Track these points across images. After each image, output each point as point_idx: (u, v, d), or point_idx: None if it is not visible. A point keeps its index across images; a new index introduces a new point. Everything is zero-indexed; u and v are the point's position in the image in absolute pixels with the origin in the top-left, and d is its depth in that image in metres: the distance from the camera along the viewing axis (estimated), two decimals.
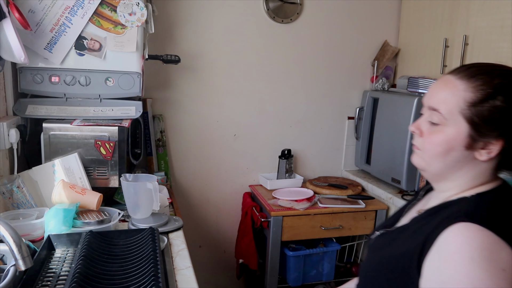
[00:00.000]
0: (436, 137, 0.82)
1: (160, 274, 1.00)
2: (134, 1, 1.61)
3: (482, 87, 0.78)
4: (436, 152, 0.83)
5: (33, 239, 1.26)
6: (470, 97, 0.78)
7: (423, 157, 0.86)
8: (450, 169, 0.83)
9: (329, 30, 2.41)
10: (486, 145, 0.80)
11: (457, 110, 0.79)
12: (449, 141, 0.81)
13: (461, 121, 0.80)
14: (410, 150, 2.09)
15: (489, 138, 0.79)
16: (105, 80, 1.68)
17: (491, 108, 0.77)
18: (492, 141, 0.79)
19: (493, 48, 1.85)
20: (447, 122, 0.81)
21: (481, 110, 0.78)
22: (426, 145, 0.85)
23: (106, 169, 1.61)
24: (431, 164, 0.85)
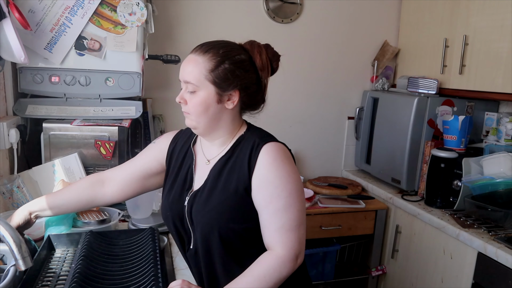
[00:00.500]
0: (196, 100, 1.07)
1: (160, 274, 1.00)
2: (134, 1, 1.61)
3: (213, 57, 1.06)
4: (199, 111, 1.08)
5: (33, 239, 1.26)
6: (209, 65, 1.06)
7: (192, 118, 1.10)
8: (213, 121, 1.10)
9: (329, 30, 2.41)
10: (230, 97, 1.09)
11: (203, 77, 1.06)
12: (205, 101, 1.07)
13: (208, 84, 1.06)
14: (410, 150, 2.09)
15: (229, 91, 1.08)
16: (105, 80, 1.68)
17: (224, 70, 1.06)
18: (232, 93, 1.09)
19: (493, 48, 1.85)
20: (199, 88, 1.07)
21: (218, 72, 1.06)
22: (191, 109, 1.09)
23: (106, 169, 1.60)
24: (199, 122, 1.10)
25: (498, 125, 2.10)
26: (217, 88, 1.07)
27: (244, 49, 1.13)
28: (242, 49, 1.13)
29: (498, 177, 1.72)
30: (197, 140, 1.23)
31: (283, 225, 1.04)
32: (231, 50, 1.10)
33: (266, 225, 1.06)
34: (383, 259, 2.25)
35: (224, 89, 1.07)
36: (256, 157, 1.07)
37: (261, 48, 1.14)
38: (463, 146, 1.99)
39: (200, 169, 1.17)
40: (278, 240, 1.04)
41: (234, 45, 1.13)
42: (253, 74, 1.11)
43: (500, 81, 1.82)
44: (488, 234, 1.65)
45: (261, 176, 1.06)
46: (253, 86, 1.12)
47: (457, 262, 1.74)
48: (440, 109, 2.09)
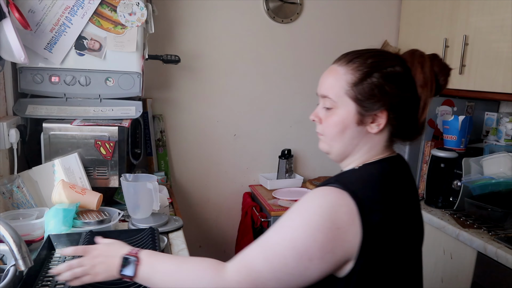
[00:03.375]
0: (331, 120, 0.90)
1: None
2: (134, 1, 1.61)
3: (359, 68, 0.87)
4: (334, 133, 0.90)
5: (33, 239, 1.26)
6: (351, 78, 0.87)
7: (326, 141, 0.93)
8: (349, 146, 0.91)
9: (329, 30, 2.41)
10: (374, 118, 0.88)
11: (343, 92, 0.88)
12: (342, 121, 0.89)
13: (348, 101, 0.88)
14: (410, 150, 2.09)
15: (374, 111, 0.87)
16: (105, 80, 1.68)
17: (370, 85, 0.86)
18: (378, 114, 0.88)
19: (493, 48, 1.85)
20: (337, 104, 0.89)
21: (362, 88, 0.86)
22: (325, 130, 0.92)
23: (106, 169, 1.61)
24: (333, 146, 0.92)
25: (498, 125, 2.10)
26: (359, 107, 0.87)
27: (400, 60, 0.91)
28: (399, 60, 0.90)
29: (498, 177, 1.72)
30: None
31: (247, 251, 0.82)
32: (383, 60, 0.89)
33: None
34: None
35: (367, 108, 0.87)
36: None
37: (424, 58, 0.91)
38: (463, 146, 1.99)
39: None
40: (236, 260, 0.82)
41: (389, 55, 0.91)
42: (409, 92, 0.89)
43: (500, 81, 1.82)
44: (488, 234, 1.65)
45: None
46: (407, 107, 0.89)
47: (457, 262, 1.74)
48: (440, 109, 2.09)
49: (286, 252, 0.78)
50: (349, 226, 0.78)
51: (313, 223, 0.78)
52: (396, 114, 0.88)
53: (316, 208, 0.80)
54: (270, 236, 0.82)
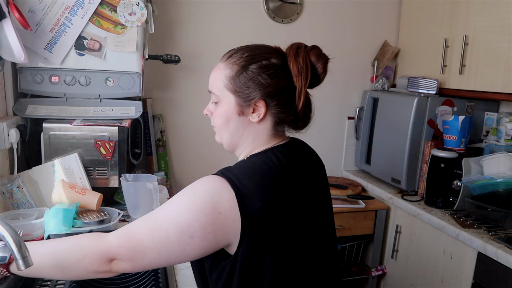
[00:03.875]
0: (217, 112, 0.97)
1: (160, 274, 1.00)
2: (134, 1, 1.61)
3: (236, 62, 0.93)
4: (220, 124, 0.97)
5: (33, 239, 1.26)
6: (229, 72, 0.93)
7: (217, 132, 1.00)
8: (234, 136, 0.97)
9: (329, 30, 2.41)
10: (254, 108, 0.93)
11: (223, 86, 0.94)
12: (225, 112, 0.95)
13: (228, 94, 0.94)
14: (410, 150, 2.09)
15: (251, 101, 0.92)
16: (105, 80, 1.68)
17: (245, 77, 0.92)
18: (257, 104, 0.92)
19: (493, 48, 1.85)
20: (220, 98, 0.96)
21: (238, 80, 0.92)
22: (214, 122, 0.99)
23: (106, 169, 1.61)
24: (222, 136, 0.99)
25: (498, 125, 2.10)
26: (238, 98, 0.93)
27: (280, 53, 0.96)
28: (277, 53, 0.95)
29: (498, 177, 1.72)
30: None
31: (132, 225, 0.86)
32: (258, 54, 0.94)
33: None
34: (383, 259, 2.25)
35: (245, 99, 0.92)
36: None
37: (300, 50, 0.94)
38: (463, 146, 1.99)
39: None
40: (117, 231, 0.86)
41: (266, 49, 0.96)
42: (285, 81, 0.93)
43: (500, 81, 1.82)
44: (488, 234, 1.65)
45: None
46: (283, 95, 0.93)
47: (457, 262, 1.74)
48: (440, 109, 2.09)
49: (169, 226, 0.82)
50: (229, 213, 0.83)
51: (198, 204, 0.83)
52: (274, 102, 0.93)
53: (202, 191, 0.85)
54: (157, 211, 0.87)
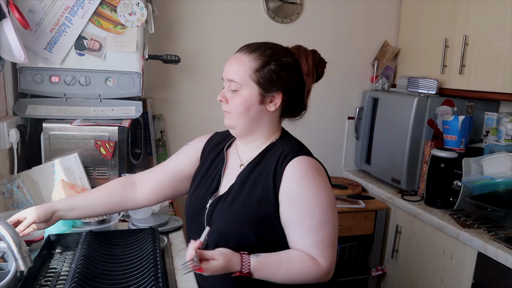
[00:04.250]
0: (238, 100, 1.07)
1: (160, 274, 1.00)
2: (134, 1, 1.61)
3: (259, 57, 1.06)
4: (240, 111, 1.07)
5: (33, 239, 1.26)
6: (255, 65, 1.05)
7: (232, 117, 1.09)
8: (253, 122, 1.09)
9: (329, 30, 2.41)
10: (272, 99, 1.08)
11: (247, 76, 1.05)
12: (247, 100, 1.06)
13: (252, 84, 1.05)
14: (410, 150, 2.09)
15: (273, 93, 1.07)
16: (105, 80, 1.68)
17: (269, 71, 1.05)
18: (275, 95, 1.07)
19: (493, 48, 1.85)
20: (242, 87, 1.06)
21: (263, 73, 1.05)
22: (231, 108, 1.08)
23: (106, 169, 1.61)
24: (239, 121, 1.09)
25: (498, 125, 2.10)
26: (260, 89, 1.06)
27: (291, 53, 1.11)
28: (289, 53, 1.11)
29: (498, 177, 1.72)
30: (232, 144, 1.21)
31: (321, 241, 1.02)
32: (278, 52, 1.08)
33: (299, 240, 1.03)
34: (383, 259, 2.25)
35: (267, 90, 1.06)
36: (282, 169, 1.04)
37: (307, 53, 1.11)
38: (463, 146, 1.99)
39: (229, 173, 1.14)
40: (319, 253, 1.02)
41: (281, 48, 1.11)
42: (298, 79, 1.10)
43: (500, 81, 1.82)
44: (488, 234, 1.65)
45: (291, 191, 1.03)
46: (297, 90, 1.11)
47: (457, 262, 1.74)
48: (440, 109, 2.09)
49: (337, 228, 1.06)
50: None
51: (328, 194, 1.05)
52: (288, 96, 1.09)
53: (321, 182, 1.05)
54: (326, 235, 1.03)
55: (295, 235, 1.04)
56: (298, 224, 1.03)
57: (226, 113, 1.10)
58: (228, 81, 1.08)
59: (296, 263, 1.01)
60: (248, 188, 1.07)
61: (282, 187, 1.03)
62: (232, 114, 1.08)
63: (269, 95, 1.07)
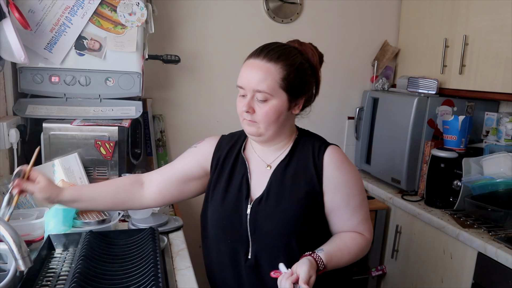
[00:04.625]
0: (267, 109, 1.06)
1: (160, 274, 1.00)
2: (134, 1, 1.61)
3: (287, 64, 1.06)
4: (271, 120, 1.07)
5: (33, 239, 1.26)
6: (282, 73, 1.05)
7: (260, 126, 1.08)
8: (280, 127, 1.11)
9: (329, 30, 2.41)
10: (297, 103, 1.11)
11: (277, 85, 1.05)
12: (278, 109, 1.06)
13: (281, 92, 1.06)
14: (410, 150, 2.09)
15: (300, 98, 1.10)
16: (105, 80, 1.68)
17: (295, 77, 1.07)
18: (300, 99, 1.11)
19: (493, 48, 1.85)
20: (272, 96, 1.05)
21: (291, 80, 1.06)
22: (260, 118, 1.07)
23: (106, 169, 1.61)
24: (268, 130, 1.09)
25: (498, 125, 2.10)
26: (289, 96, 1.07)
27: (301, 53, 1.12)
28: (300, 53, 1.12)
29: (498, 177, 1.72)
30: (246, 146, 1.21)
31: (364, 216, 1.14)
32: (295, 55, 1.09)
33: (346, 221, 1.13)
34: (383, 259, 2.25)
35: (296, 96, 1.09)
36: (321, 160, 1.10)
37: (312, 49, 1.15)
38: (463, 146, 1.99)
39: (257, 176, 1.15)
40: (365, 228, 1.14)
41: (294, 49, 1.12)
42: (313, 77, 1.13)
43: (500, 81, 1.82)
44: (488, 234, 1.65)
45: (334, 178, 1.10)
46: (313, 89, 1.16)
47: (457, 262, 1.74)
48: (440, 109, 2.09)
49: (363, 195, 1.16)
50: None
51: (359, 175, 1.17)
52: (309, 96, 1.14)
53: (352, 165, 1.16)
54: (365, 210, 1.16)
55: (342, 218, 1.12)
56: (344, 207, 1.11)
57: (251, 122, 1.08)
58: (253, 91, 1.06)
59: (352, 243, 1.11)
60: (289, 185, 1.10)
61: (325, 176, 1.09)
62: (260, 124, 1.08)
63: (295, 101, 1.10)
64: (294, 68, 1.06)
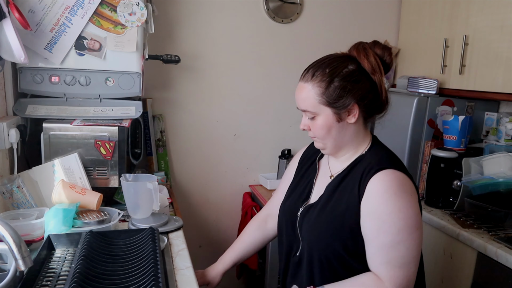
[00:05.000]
0: (317, 125, 1.10)
1: (160, 274, 1.00)
2: (134, 1, 1.61)
3: (322, 79, 1.06)
4: (323, 134, 1.11)
5: (33, 239, 1.26)
6: (319, 90, 1.07)
7: (319, 141, 1.14)
8: (338, 139, 1.11)
9: (329, 30, 2.41)
10: (349, 112, 1.08)
11: (317, 102, 1.07)
12: (325, 124, 1.09)
13: (324, 108, 1.08)
14: (410, 150, 2.09)
15: (347, 106, 1.07)
16: (105, 80, 1.68)
17: (334, 89, 1.06)
18: (351, 108, 1.08)
19: (493, 48, 1.85)
20: (317, 113, 1.09)
21: (329, 94, 1.06)
22: (315, 133, 1.12)
23: (106, 169, 1.61)
24: (326, 143, 1.13)
25: (498, 125, 2.10)
26: (333, 109, 1.07)
27: (350, 58, 1.09)
28: (348, 59, 1.09)
29: (498, 177, 1.72)
30: (324, 155, 1.26)
31: (390, 261, 1.01)
32: (337, 66, 1.07)
33: (372, 256, 1.05)
34: None
35: (340, 107, 1.07)
36: (366, 182, 1.04)
37: (366, 49, 1.09)
38: (463, 146, 1.99)
39: (320, 183, 1.19)
40: (386, 274, 1.02)
41: (339, 58, 1.10)
42: (367, 81, 1.08)
43: (500, 81, 1.82)
44: (488, 234, 1.65)
45: (370, 205, 1.03)
46: (370, 93, 1.09)
47: (457, 262, 1.74)
48: (440, 109, 2.09)
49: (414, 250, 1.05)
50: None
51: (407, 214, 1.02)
52: (363, 101, 1.08)
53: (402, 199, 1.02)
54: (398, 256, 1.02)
55: (369, 250, 1.05)
56: (372, 239, 1.03)
57: (313, 138, 1.16)
58: (303, 111, 1.13)
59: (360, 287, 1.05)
60: (336, 198, 1.10)
61: (364, 199, 1.04)
62: (318, 138, 1.13)
63: (344, 111, 1.07)
64: (332, 79, 1.05)
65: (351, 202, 1.06)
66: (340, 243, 1.07)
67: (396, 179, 1.03)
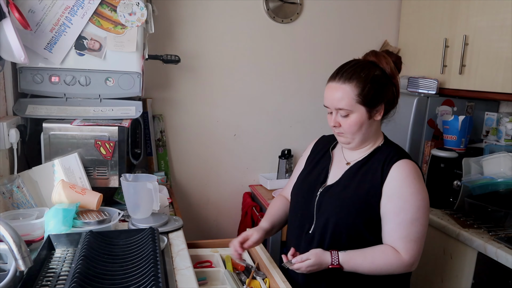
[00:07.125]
0: (350, 122, 1.24)
1: (160, 274, 1.00)
2: (134, 1, 1.61)
3: (359, 81, 1.21)
4: (355, 131, 1.25)
5: (33, 239, 1.26)
6: (357, 90, 1.21)
7: (347, 136, 1.27)
8: (365, 135, 1.27)
9: (329, 30, 2.41)
10: (377, 110, 1.25)
11: (354, 102, 1.21)
12: (359, 121, 1.23)
13: (359, 106, 1.22)
14: (410, 150, 2.09)
15: (378, 107, 1.25)
16: (105, 80, 1.68)
17: (369, 91, 1.21)
18: (379, 107, 1.25)
19: (493, 48, 1.85)
20: (352, 111, 1.23)
21: (365, 95, 1.21)
22: (345, 129, 1.25)
23: (106, 169, 1.61)
24: (354, 138, 1.27)
25: (498, 125, 2.10)
26: (367, 107, 1.22)
27: (374, 64, 1.25)
28: (373, 64, 1.25)
29: (498, 177, 1.72)
30: (336, 146, 1.41)
31: (408, 235, 1.19)
32: (369, 70, 1.23)
33: (390, 232, 1.21)
34: None
35: (373, 107, 1.23)
36: (389, 168, 1.22)
37: (386, 57, 1.26)
38: (463, 146, 1.99)
39: (336, 169, 1.34)
40: (403, 247, 1.19)
41: (367, 64, 1.26)
42: (390, 84, 1.26)
43: (500, 81, 1.82)
44: (488, 234, 1.65)
45: (393, 188, 1.20)
46: (392, 94, 1.27)
47: (457, 262, 1.74)
48: (440, 109, 2.09)
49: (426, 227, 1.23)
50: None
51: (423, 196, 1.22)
52: (387, 101, 1.26)
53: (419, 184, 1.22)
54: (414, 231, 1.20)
55: (388, 227, 1.21)
56: (393, 217, 1.20)
57: (340, 134, 1.28)
58: (336, 109, 1.24)
59: (380, 255, 1.19)
60: (357, 181, 1.26)
61: (387, 182, 1.21)
62: (347, 134, 1.26)
63: (375, 109, 1.24)
64: (367, 82, 1.20)
65: (374, 183, 1.22)
66: (361, 218, 1.22)
67: (414, 167, 1.23)
